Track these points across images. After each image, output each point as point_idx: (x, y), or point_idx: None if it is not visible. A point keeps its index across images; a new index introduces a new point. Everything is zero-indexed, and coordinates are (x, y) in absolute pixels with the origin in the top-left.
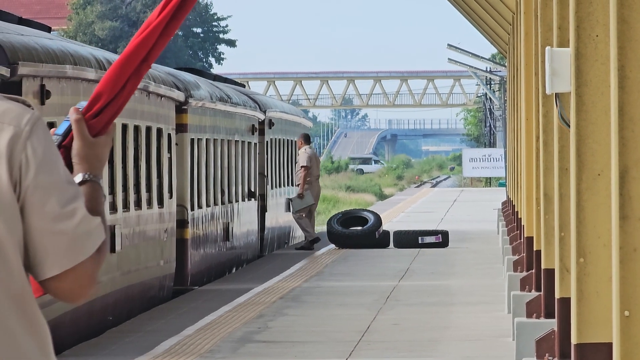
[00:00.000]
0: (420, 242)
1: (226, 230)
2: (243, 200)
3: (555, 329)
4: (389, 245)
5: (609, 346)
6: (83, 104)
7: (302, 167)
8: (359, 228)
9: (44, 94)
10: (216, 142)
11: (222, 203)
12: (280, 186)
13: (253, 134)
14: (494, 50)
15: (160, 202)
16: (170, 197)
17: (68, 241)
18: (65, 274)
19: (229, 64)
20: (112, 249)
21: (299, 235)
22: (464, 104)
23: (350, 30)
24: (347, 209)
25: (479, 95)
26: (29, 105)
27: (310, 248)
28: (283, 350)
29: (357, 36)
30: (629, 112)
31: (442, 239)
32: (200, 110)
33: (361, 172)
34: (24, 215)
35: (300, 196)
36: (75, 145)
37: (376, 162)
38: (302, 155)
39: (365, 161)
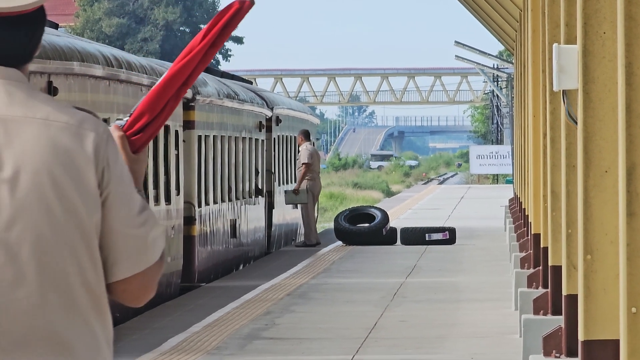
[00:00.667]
0: (427, 239)
1: (233, 227)
2: (250, 197)
3: (563, 325)
4: (396, 242)
5: (616, 343)
6: (121, 122)
7: (303, 164)
8: (366, 225)
9: (51, 91)
10: (223, 139)
11: (230, 200)
12: (287, 183)
13: (260, 130)
14: (501, 47)
15: (168, 199)
16: (178, 194)
17: (141, 246)
18: (133, 278)
19: (237, 60)
20: None
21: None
22: (471, 101)
23: (358, 27)
24: (354, 205)
25: (486, 92)
26: (96, 116)
27: (310, 246)
28: (290, 347)
29: (365, 33)
30: (636, 109)
31: (449, 236)
32: (208, 107)
33: (382, 169)
34: (106, 220)
35: (295, 192)
36: None
37: (397, 158)
38: (304, 152)
39: (384, 158)
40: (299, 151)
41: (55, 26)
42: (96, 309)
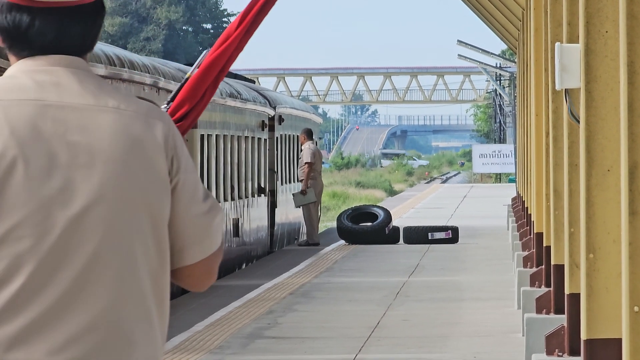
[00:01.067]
0: (430, 238)
1: (236, 226)
2: (253, 196)
3: (565, 324)
4: (398, 241)
5: (618, 342)
6: (163, 107)
7: (305, 163)
8: (369, 224)
9: None
10: (226, 138)
11: (232, 199)
12: (290, 182)
13: (263, 129)
14: (504, 46)
15: None
16: None
17: (207, 232)
18: (200, 262)
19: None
20: None
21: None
22: (474, 100)
23: (360, 27)
24: (357, 204)
25: (489, 91)
26: (158, 106)
27: (313, 245)
28: (293, 346)
29: (367, 32)
30: (638, 107)
31: (452, 235)
32: (210, 106)
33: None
34: (175, 206)
35: (303, 192)
36: None
37: (408, 157)
38: (306, 151)
39: (396, 157)
40: (301, 150)
41: None
42: (157, 298)
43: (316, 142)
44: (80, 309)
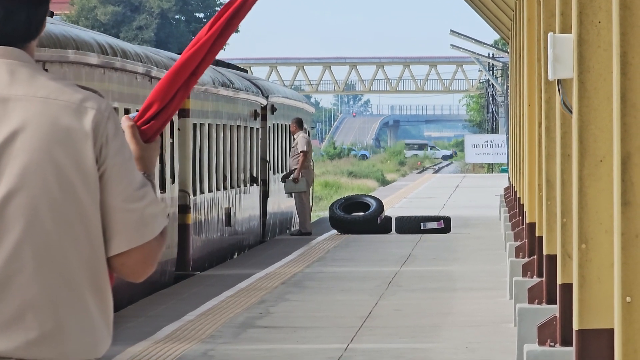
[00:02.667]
0: (422, 227)
1: (228, 215)
2: (245, 185)
3: (557, 314)
4: (391, 231)
5: (610, 332)
6: (133, 115)
7: (301, 152)
8: (361, 214)
9: None
10: (218, 127)
11: (224, 188)
12: (282, 171)
13: (255, 119)
14: (497, 37)
15: (163, 187)
16: (173, 182)
17: (138, 220)
18: (132, 252)
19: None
20: None
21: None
22: (467, 90)
23: (353, 16)
24: (349, 194)
25: (482, 81)
26: (101, 95)
27: (306, 234)
28: (285, 335)
29: (360, 22)
30: (631, 98)
31: (444, 225)
32: (203, 95)
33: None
34: (105, 193)
35: (295, 180)
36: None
37: (432, 147)
38: (301, 139)
39: (422, 147)
40: (294, 139)
41: (51, 14)
42: (93, 287)
43: (308, 132)
44: (7, 300)
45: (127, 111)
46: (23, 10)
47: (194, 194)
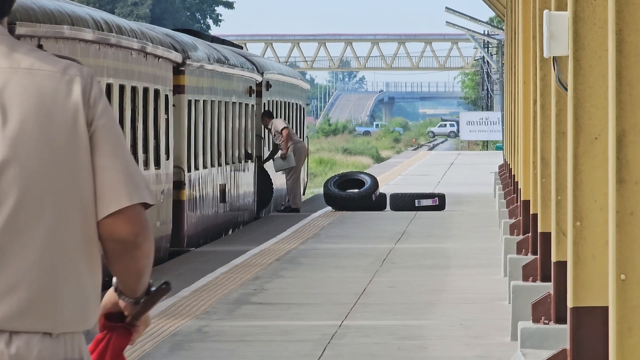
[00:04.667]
0: (417, 205)
1: (223, 191)
2: (240, 162)
3: (551, 292)
4: (385, 208)
5: (604, 310)
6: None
7: (282, 129)
8: (356, 191)
9: None
10: (213, 104)
11: (219, 165)
12: (277, 148)
13: (250, 95)
14: (492, 14)
15: (157, 164)
16: (167, 158)
17: (126, 178)
18: (121, 213)
19: (227, 25)
20: None
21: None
22: (462, 67)
23: None
24: (343, 171)
25: (477, 58)
26: (79, 62)
27: (295, 210)
28: (279, 312)
29: None
30: (626, 75)
31: (438, 202)
32: (198, 71)
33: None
34: (95, 156)
35: (283, 157)
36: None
37: (452, 124)
38: (276, 121)
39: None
40: (269, 129)
41: None
42: (86, 257)
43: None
44: (1, 271)
45: (121, 87)
46: None
47: (189, 170)
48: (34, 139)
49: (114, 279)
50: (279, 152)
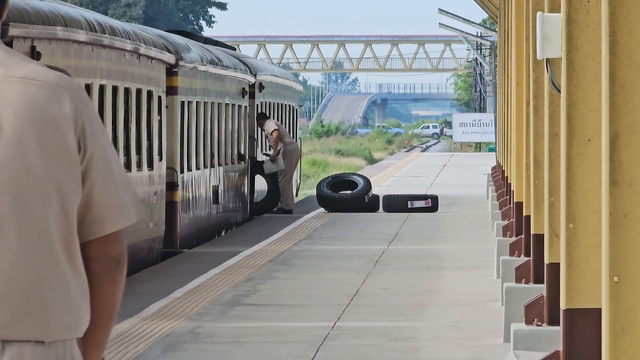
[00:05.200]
0: (409, 206)
1: (216, 193)
2: (233, 163)
3: (544, 294)
4: (378, 210)
5: (597, 311)
6: None
7: (273, 130)
8: (349, 192)
9: (34, 56)
10: (206, 105)
11: (212, 166)
12: (270, 149)
13: (243, 97)
14: (485, 15)
15: (150, 165)
16: (160, 159)
17: (118, 200)
18: (116, 235)
19: (220, 27)
20: None
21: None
22: (455, 69)
23: None
24: (336, 172)
25: (470, 60)
26: (68, 74)
27: (287, 212)
28: (272, 313)
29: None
30: (619, 78)
31: (431, 204)
32: (191, 73)
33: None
34: (89, 176)
35: (272, 159)
36: None
37: (435, 126)
38: (268, 123)
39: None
40: (264, 130)
41: None
42: (72, 266)
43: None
44: None
45: (114, 88)
46: None
47: (182, 172)
48: (25, 147)
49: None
50: (271, 154)
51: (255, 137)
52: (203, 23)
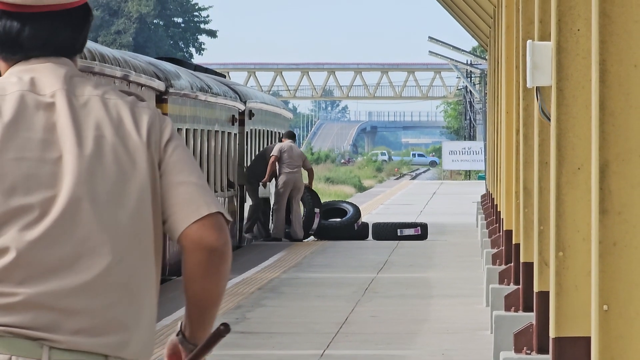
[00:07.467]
0: (399, 234)
1: None
2: (222, 190)
3: (534, 322)
4: (367, 237)
5: (587, 340)
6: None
7: (271, 155)
8: (338, 220)
9: None
10: (196, 132)
11: None
12: (259, 177)
13: (233, 124)
14: (475, 43)
15: None
16: None
17: (203, 190)
18: (207, 220)
19: (210, 54)
20: None
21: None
22: (445, 97)
23: (331, 22)
24: (326, 200)
25: (460, 88)
26: (142, 99)
27: (276, 240)
28: (261, 341)
29: (338, 28)
30: (609, 106)
31: (421, 232)
32: (181, 100)
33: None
34: (164, 177)
35: (263, 184)
36: None
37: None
38: (275, 146)
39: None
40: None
41: None
42: (157, 261)
43: (292, 141)
44: (88, 270)
45: None
46: (69, 27)
47: None
48: (106, 158)
49: (179, 324)
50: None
51: (245, 164)
52: (193, 50)
